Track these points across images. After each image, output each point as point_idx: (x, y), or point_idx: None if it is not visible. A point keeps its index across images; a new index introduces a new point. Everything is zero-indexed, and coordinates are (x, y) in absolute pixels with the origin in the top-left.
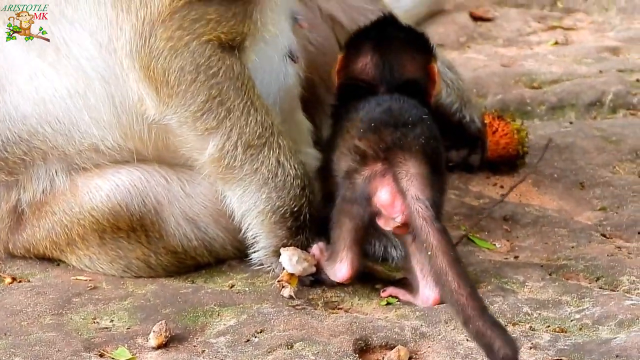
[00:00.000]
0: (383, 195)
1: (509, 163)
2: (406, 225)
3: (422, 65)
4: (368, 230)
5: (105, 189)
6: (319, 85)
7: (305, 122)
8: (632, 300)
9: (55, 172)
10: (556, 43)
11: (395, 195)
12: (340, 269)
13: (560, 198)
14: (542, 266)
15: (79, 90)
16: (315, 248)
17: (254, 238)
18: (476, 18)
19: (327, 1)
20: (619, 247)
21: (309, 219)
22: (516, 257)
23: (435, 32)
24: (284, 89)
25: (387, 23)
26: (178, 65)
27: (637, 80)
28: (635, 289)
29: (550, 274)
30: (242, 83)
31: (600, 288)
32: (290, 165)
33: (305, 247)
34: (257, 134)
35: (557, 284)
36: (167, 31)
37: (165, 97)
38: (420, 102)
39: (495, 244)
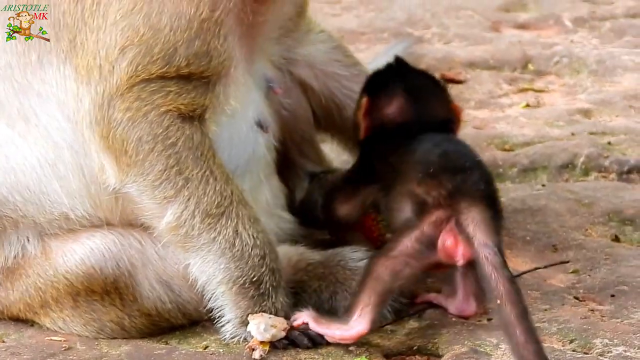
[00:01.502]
0: (448, 240)
1: None
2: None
3: (447, 105)
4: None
5: (80, 253)
6: (292, 150)
7: (279, 186)
8: None
9: (27, 238)
10: (528, 105)
11: (459, 240)
12: (359, 323)
13: (532, 261)
14: None
15: (49, 160)
16: (306, 316)
17: (219, 310)
18: (448, 80)
19: (299, 66)
20: (592, 310)
21: (271, 286)
22: (489, 320)
23: None
24: (255, 159)
25: (403, 66)
26: (136, 136)
27: (609, 143)
28: (608, 352)
29: None
30: (201, 152)
31: (573, 351)
32: (249, 235)
33: (274, 312)
34: (216, 203)
35: None
36: (125, 102)
37: (125, 166)
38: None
39: None
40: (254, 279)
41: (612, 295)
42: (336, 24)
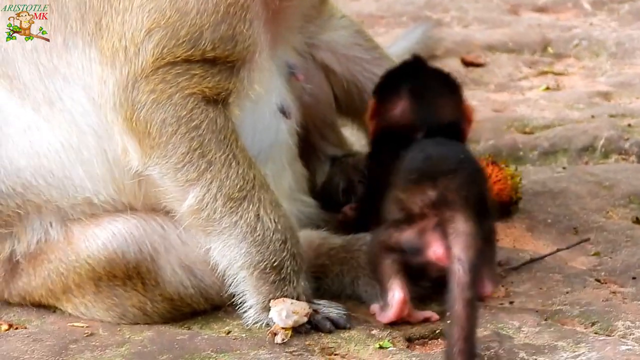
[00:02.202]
0: (437, 250)
1: (502, 209)
2: None
3: (457, 106)
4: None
5: (102, 237)
6: (314, 133)
7: (302, 171)
8: (627, 345)
9: (50, 223)
10: (547, 88)
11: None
12: (394, 295)
13: (554, 243)
14: (537, 311)
15: (73, 144)
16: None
17: (240, 296)
18: (467, 63)
19: (321, 51)
20: (613, 292)
21: (292, 271)
22: (511, 303)
23: None
24: (277, 144)
25: (416, 66)
26: (160, 118)
27: (629, 125)
28: (630, 334)
29: (545, 319)
30: (224, 136)
31: (595, 333)
32: (270, 220)
33: (296, 297)
34: (238, 187)
35: (552, 329)
36: (149, 84)
37: (148, 148)
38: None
39: None
40: (275, 264)
41: (634, 278)
42: (355, 8)
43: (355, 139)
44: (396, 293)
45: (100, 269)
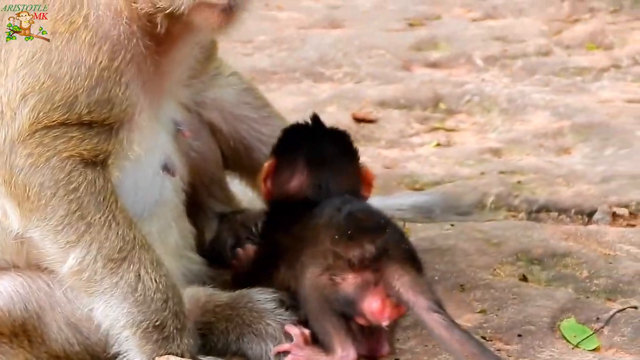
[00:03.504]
0: (374, 304)
1: None
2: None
3: (355, 172)
4: None
5: None
6: (201, 190)
7: (189, 228)
8: None
9: None
10: (438, 144)
11: (386, 304)
12: (348, 354)
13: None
14: None
15: None
16: (293, 328)
17: (125, 355)
18: (359, 120)
19: (207, 109)
20: (499, 350)
21: (175, 329)
22: None
23: None
24: (162, 202)
25: (314, 128)
26: (38, 181)
27: (519, 182)
28: None
29: None
30: (103, 197)
31: None
32: (151, 279)
33: (180, 355)
34: (118, 248)
35: None
36: (27, 148)
37: (27, 211)
38: None
39: None
40: (158, 323)
41: (519, 335)
42: (248, 64)
43: (243, 195)
44: (351, 353)
45: None
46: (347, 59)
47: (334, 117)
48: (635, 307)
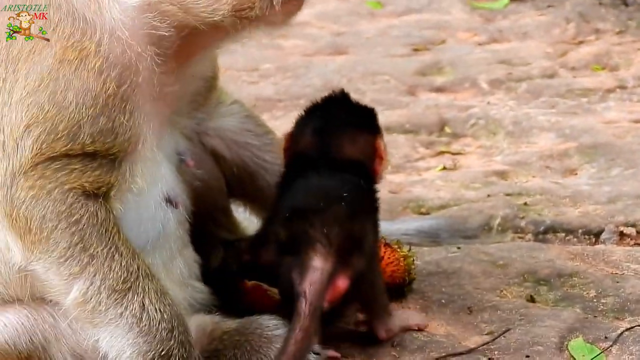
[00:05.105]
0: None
1: (396, 290)
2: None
3: (366, 143)
4: None
5: None
6: (206, 219)
7: (193, 257)
8: None
9: None
10: (444, 168)
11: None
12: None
13: (447, 323)
14: None
15: None
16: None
17: None
18: None
19: (210, 138)
20: None
21: (182, 358)
22: None
23: None
24: (165, 234)
25: (335, 101)
26: (40, 214)
27: (525, 204)
28: None
29: None
30: (106, 229)
31: None
32: (156, 309)
33: None
34: (122, 278)
35: None
36: (28, 181)
37: (29, 244)
38: (364, 180)
39: None
40: (163, 353)
41: (527, 356)
42: (253, 92)
43: (248, 222)
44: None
45: None
46: (352, 85)
47: None
48: None
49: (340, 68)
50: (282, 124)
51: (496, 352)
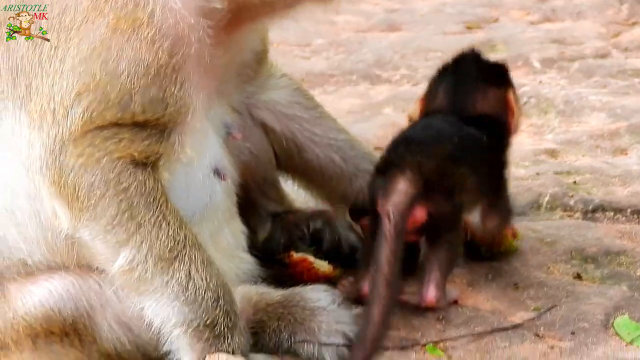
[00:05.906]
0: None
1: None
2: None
3: (497, 98)
4: None
5: (39, 295)
6: (254, 191)
7: (241, 229)
8: None
9: None
10: None
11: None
12: None
13: (494, 298)
14: None
15: (7, 207)
16: None
17: (176, 353)
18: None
19: (259, 110)
20: (551, 347)
21: (226, 328)
22: (449, 357)
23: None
24: (212, 206)
25: (465, 59)
26: (88, 182)
27: (575, 182)
28: None
29: None
30: (153, 198)
31: None
32: (202, 278)
33: (231, 353)
34: (169, 247)
35: None
36: (77, 148)
37: (77, 211)
38: (496, 137)
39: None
40: (208, 322)
41: (572, 333)
42: (306, 67)
43: (296, 195)
44: None
45: (37, 326)
46: (404, 62)
47: (390, 119)
48: None
49: (393, 44)
50: (334, 98)
51: (542, 328)
